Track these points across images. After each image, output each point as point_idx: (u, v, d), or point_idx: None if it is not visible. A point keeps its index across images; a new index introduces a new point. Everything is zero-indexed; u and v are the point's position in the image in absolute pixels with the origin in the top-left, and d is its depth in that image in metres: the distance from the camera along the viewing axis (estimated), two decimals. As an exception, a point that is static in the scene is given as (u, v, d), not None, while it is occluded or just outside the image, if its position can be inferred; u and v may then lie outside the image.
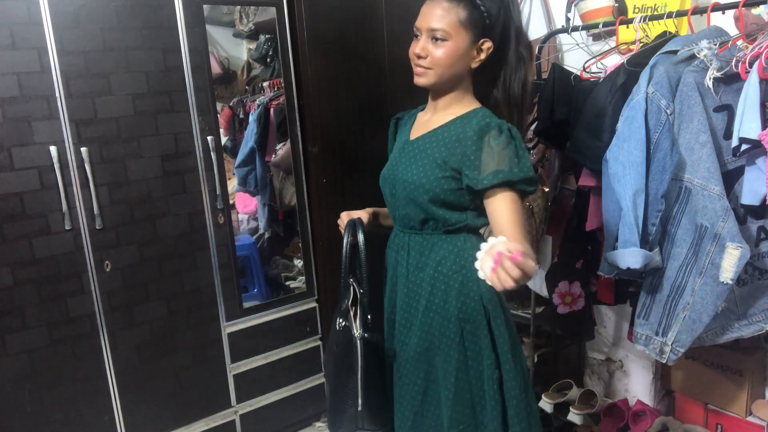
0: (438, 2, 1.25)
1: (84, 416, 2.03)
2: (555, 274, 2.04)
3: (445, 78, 1.30)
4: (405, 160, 1.37)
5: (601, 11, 2.16)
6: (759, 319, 1.62)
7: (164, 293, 2.15)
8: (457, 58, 1.27)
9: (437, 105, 1.38)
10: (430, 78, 1.30)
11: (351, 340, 1.35)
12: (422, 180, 1.30)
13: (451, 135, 1.30)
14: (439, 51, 1.26)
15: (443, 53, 1.26)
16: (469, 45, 1.27)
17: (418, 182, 1.30)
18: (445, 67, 1.28)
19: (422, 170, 1.31)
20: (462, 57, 1.27)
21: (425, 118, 1.42)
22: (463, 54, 1.27)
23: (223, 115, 2.41)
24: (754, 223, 1.55)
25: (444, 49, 1.26)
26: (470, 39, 1.26)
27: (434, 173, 1.29)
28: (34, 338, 1.92)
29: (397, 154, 1.43)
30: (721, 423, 2.04)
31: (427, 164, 1.31)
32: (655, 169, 1.57)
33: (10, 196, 1.83)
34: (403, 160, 1.38)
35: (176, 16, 2.05)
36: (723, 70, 1.49)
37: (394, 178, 1.39)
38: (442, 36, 1.25)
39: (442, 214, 1.32)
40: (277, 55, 2.36)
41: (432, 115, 1.39)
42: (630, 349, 2.26)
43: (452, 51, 1.26)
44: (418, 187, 1.31)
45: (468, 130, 1.27)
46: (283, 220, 2.63)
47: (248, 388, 2.39)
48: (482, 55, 1.29)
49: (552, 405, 2.31)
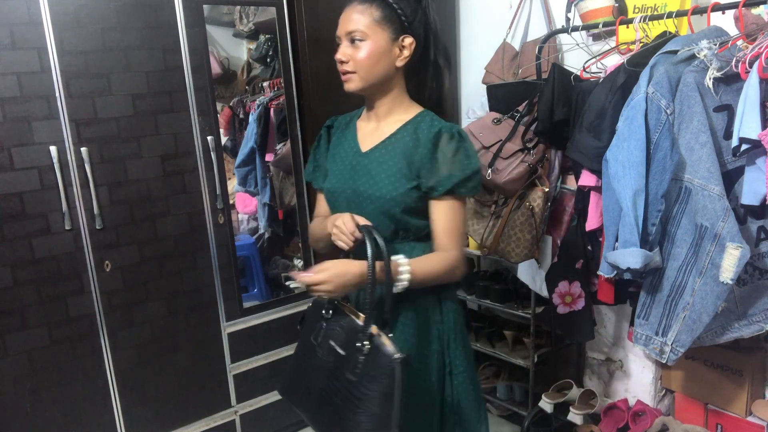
0: (352, 7, 1.27)
1: (84, 416, 2.03)
2: (555, 274, 2.04)
3: (372, 80, 1.29)
4: (364, 174, 1.33)
5: (601, 11, 2.16)
6: (759, 319, 1.62)
7: (164, 293, 2.15)
8: (378, 57, 1.26)
9: (378, 112, 1.36)
10: (356, 82, 1.29)
11: (382, 363, 1.16)
12: (393, 193, 1.28)
13: (406, 143, 1.30)
14: (359, 52, 1.26)
15: (363, 54, 1.26)
16: (388, 42, 1.26)
17: (389, 196, 1.28)
18: (368, 68, 1.27)
19: (390, 183, 1.29)
20: (383, 56, 1.27)
21: (369, 127, 1.38)
22: (384, 52, 1.27)
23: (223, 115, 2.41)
24: (754, 223, 1.55)
25: (363, 50, 1.26)
26: (389, 36, 1.26)
27: (403, 185, 1.28)
28: (34, 338, 1.92)
29: (348, 166, 1.36)
30: (721, 423, 2.04)
31: (393, 176, 1.29)
32: (655, 169, 1.57)
33: (10, 196, 1.83)
34: (361, 173, 1.33)
35: (176, 16, 2.05)
36: (723, 70, 1.49)
37: (355, 192, 1.33)
38: (360, 36, 1.25)
39: (415, 223, 1.31)
40: (277, 55, 2.36)
41: (377, 123, 1.36)
42: (630, 349, 2.26)
43: (372, 50, 1.25)
44: (390, 200, 1.28)
45: (421, 136, 1.29)
46: (283, 220, 2.63)
47: (248, 388, 2.39)
48: (405, 52, 1.29)
49: (552, 405, 2.31)
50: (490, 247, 2.20)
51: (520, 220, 2.08)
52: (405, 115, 1.33)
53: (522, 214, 2.07)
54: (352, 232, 1.21)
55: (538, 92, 2.00)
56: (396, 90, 1.33)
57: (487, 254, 2.31)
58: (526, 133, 2.07)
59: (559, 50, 2.40)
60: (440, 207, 1.27)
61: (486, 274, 2.71)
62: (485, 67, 2.64)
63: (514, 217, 2.10)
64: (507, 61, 2.55)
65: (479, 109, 2.58)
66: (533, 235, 2.07)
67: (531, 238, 2.07)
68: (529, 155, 2.07)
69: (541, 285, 2.15)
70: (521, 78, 2.47)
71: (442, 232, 1.27)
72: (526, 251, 2.10)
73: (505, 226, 2.13)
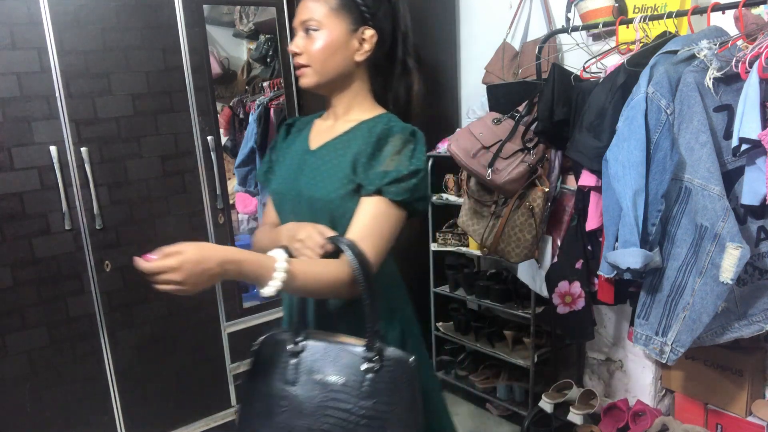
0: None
1: (84, 416, 2.03)
2: (555, 274, 2.04)
3: (328, 75, 1.16)
4: (308, 173, 1.20)
5: (601, 11, 2.16)
6: (759, 319, 1.61)
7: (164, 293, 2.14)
8: (334, 50, 1.14)
9: (336, 110, 1.23)
10: (311, 77, 1.17)
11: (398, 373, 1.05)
12: (332, 195, 1.13)
13: (358, 144, 1.15)
14: (313, 44, 1.14)
15: (318, 45, 1.14)
16: (345, 34, 1.14)
17: (328, 197, 1.13)
18: (322, 61, 1.15)
19: (331, 183, 1.13)
20: (340, 48, 1.15)
21: (325, 125, 1.25)
22: (341, 44, 1.15)
23: (223, 115, 2.41)
24: (754, 223, 1.55)
25: (318, 41, 1.14)
26: (346, 27, 1.14)
27: (344, 186, 1.12)
28: (34, 338, 1.92)
29: (294, 166, 1.23)
30: (721, 423, 2.04)
31: (335, 176, 1.14)
32: (655, 169, 1.57)
33: (10, 196, 1.83)
34: (306, 172, 1.20)
35: (176, 16, 2.05)
36: (723, 70, 1.49)
37: (297, 194, 1.19)
38: (315, 26, 1.14)
39: None
40: (277, 55, 2.36)
41: (334, 122, 1.24)
42: (630, 349, 2.26)
43: (327, 41, 1.14)
44: (328, 202, 1.13)
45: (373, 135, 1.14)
46: (283, 220, 2.62)
47: (248, 388, 2.39)
48: (366, 45, 1.16)
49: (552, 405, 2.31)
50: (490, 247, 2.20)
51: (520, 220, 2.08)
52: (363, 115, 1.20)
53: (522, 214, 2.07)
54: (321, 245, 1.08)
55: (538, 92, 2.00)
56: (356, 88, 1.21)
57: (487, 254, 2.31)
58: (526, 133, 2.07)
59: (559, 50, 2.40)
60: (364, 206, 1.09)
61: (486, 274, 2.71)
62: (485, 67, 2.64)
63: (514, 217, 2.10)
64: (507, 61, 2.55)
65: (479, 109, 2.58)
66: (533, 235, 2.07)
67: (531, 238, 2.07)
68: (529, 155, 2.07)
69: (541, 285, 2.15)
70: (521, 78, 2.47)
71: (354, 234, 1.07)
72: (526, 251, 2.10)
73: (505, 226, 2.13)
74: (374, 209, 1.08)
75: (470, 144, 2.18)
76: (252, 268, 0.98)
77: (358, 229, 1.07)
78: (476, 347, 2.66)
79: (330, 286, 1.05)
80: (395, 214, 1.09)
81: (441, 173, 2.65)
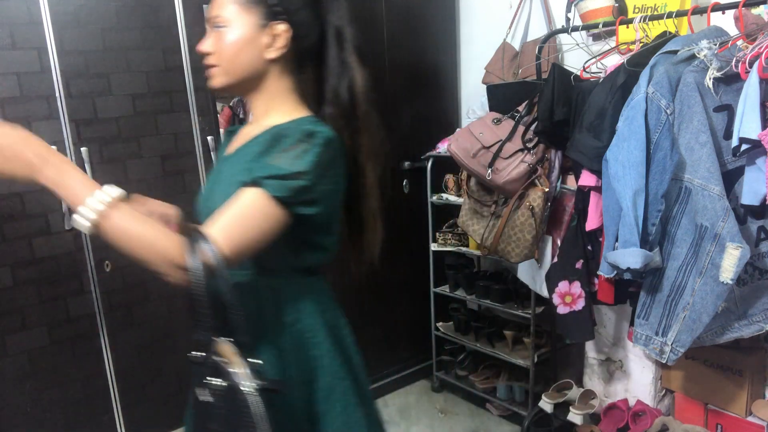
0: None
1: (84, 416, 2.03)
2: (555, 274, 2.04)
3: (237, 74, 1.08)
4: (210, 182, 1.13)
5: (601, 11, 2.16)
6: (759, 319, 1.61)
7: (164, 293, 2.15)
8: (241, 47, 1.06)
9: (256, 114, 1.14)
10: (219, 77, 1.09)
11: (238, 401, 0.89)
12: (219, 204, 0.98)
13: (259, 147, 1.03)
14: (219, 41, 1.07)
15: (224, 43, 1.06)
16: (254, 30, 1.06)
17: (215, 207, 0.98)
18: (229, 60, 1.07)
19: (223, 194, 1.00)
20: (248, 45, 1.06)
21: (247, 130, 1.16)
22: (249, 41, 1.06)
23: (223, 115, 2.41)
24: (754, 223, 1.55)
25: (224, 38, 1.06)
26: (255, 23, 1.06)
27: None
28: (34, 338, 1.92)
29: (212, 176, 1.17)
30: (721, 423, 2.04)
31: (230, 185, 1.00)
32: (655, 169, 1.57)
33: (11, 196, 1.83)
34: (212, 181, 1.13)
35: (176, 16, 2.05)
36: (723, 70, 1.49)
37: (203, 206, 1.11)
38: (222, 22, 1.06)
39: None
40: (277, 55, 2.36)
41: (254, 126, 1.13)
42: (630, 349, 2.26)
43: (233, 39, 1.06)
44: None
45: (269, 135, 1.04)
46: (283, 220, 2.62)
47: (248, 388, 2.39)
48: (279, 41, 1.07)
49: (552, 405, 2.31)
50: (490, 247, 2.20)
51: (520, 220, 2.08)
52: (281, 119, 1.08)
53: (522, 214, 2.07)
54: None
55: (538, 92, 2.00)
56: (273, 88, 1.11)
57: (487, 254, 2.31)
58: (526, 133, 2.07)
59: (559, 50, 2.40)
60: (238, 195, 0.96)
61: (486, 274, 2.71)
62: (485, 67, 2.64)
63: (514, 217, 2.10)
64: (507, 61, 2.55)
65: (479, 109, 2.58)
66: (533, 235, 2.07)
67: (531, 238, 2.07)
68: (529, 155, 2.07)
69: (541, 285, 2.15)
70: (521, 78, 2.47)
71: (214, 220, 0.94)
72: (526, 251, 2.10)
73: (505, 226, 2.13)
74: (247, 199, 0.95)
75: (470, 144, 2.18)
76: (72, 183, 0.88)
77: (221, 216, 0.94)
78: (476, 347, 2.66)
79: (150, 253, 0.89)
80: (271, 211, 0.95)
81: (441, 173, 2.65)
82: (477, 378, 2.72)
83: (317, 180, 0.98)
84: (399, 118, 2.65)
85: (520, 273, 2.33)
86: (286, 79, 1.12)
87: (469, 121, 2.47)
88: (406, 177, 2.73)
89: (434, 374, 2.90)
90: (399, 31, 2.60)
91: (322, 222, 1.07)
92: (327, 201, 1.04)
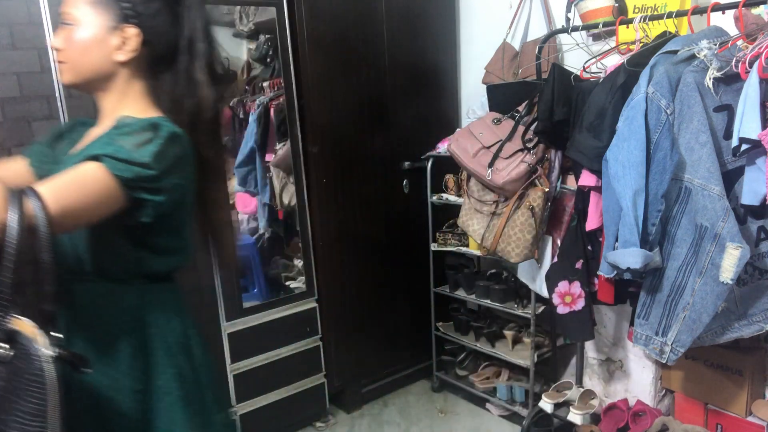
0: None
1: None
2: (555, 274, 2.04)
3: (85, 74, 1.07)
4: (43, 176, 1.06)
5: (601, 11, 2.16)
6: (759, 319, 1.62)
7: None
8: (89, 47, 1.05)
9: (103, 114, 1.12)
10: (67, 74, 1.08)
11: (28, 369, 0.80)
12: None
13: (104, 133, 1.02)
14: (69, 39, 1.06)
15: (71, 41, 1.06)
16: (103, 31, 1.05)
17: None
18: (75, 59, 1.06)
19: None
20: (96, 45, 1.05)
21: (93, 132, 1.13)
22: (97, 42, 1.05)
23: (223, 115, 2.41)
24: (754, 223, 1.55)
25: (71, 36, 1.05)
26: (105, 24, 1.05)
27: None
28: (34, 338, 1.92)
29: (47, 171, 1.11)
30: (721, 423, 2.04)
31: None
32: (655, 169, 1.57)
33: None
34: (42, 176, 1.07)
35: (176, 16, 2.05)
36: (723, 70, 1.49)
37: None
38: (69, 20, 1.06)
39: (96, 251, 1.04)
40: (277, 55, 2.36)
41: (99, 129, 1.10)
42: (630, 349, 2.26)
43: (81, 38, 1.05)
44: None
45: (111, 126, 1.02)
46: (283, 220, 2.63)
47: (248, 388, 2.39)
48: (128, 45, 1.06)
49: (552, 405, 2.31)
50: (490, 247, 2.20)
51: (520, 220, 2.08)
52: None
53: (522, 214, 2.07)
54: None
55: (538, 92, 2.00)
56: (122, 89, 1.09)
57: (487, 254, 2.31)
58: (526, 133, 2.07)
59: (559, 50, 2.40)
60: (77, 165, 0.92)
61: (486, 274, 2.71)
62: (485, 67, 2.64)
63: (514, 217, 2.10)
64: (507, 61, 2.55)
65: (479, 109, 2.59)
66: (533, 235, 2.07)
67: (531, 238, 2.08)
68: (529, 155, 2.07)
69: (541, 285, 2.15)
70: (521, 78, 2.47)
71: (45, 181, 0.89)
72: (526, 251, 2.10)
73: (505, 226, 2.13)
74: (83, 168, 0.90)
75: (470, 144, 2.19)
76: None
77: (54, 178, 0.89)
78: (476, 347, 2.66)
79: None
80: (107, 185, 0.90)
81: (441, 173, 2.65)
82: (477, 378, 2.72)
83: (162, 171, 0.95)
84: (399, 118, 2.65)
85: (520, 273, 2.33)
86: (137, 83, 1.10)
87: (469, 121, 2.47)
88: (406, 177, 2.73)
89: (434, 374, 2.90)
90: (399, 31, 2.60)
91: (170, 222, 1.05)
92: (173, 195, 1.00)
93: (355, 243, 2.62)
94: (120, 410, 1.05)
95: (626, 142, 1.58)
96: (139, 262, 1.06)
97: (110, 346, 1.05)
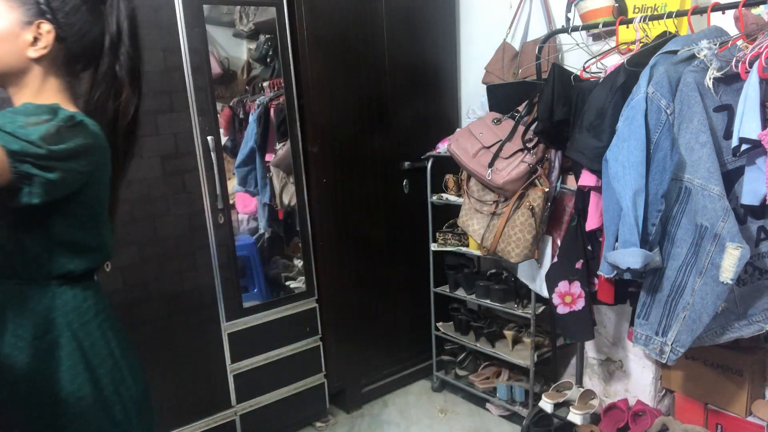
0: None
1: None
2: (555, 274, 2.04)
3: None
4: None
5: (601, 11, 2.16)
6: (759, 319, 1.62)
7: (164, 293, 2.15)
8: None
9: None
10: None
11: None
12: None
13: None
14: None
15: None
16: (15, 26, 1.03)
17: None
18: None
19: None
20: (7, 40, 1.03)
21: None
22: (8, 37, 1.03)
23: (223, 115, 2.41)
24: (754, 223, 1.55)
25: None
26: (17, 19, 1.02)
27: None
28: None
29: None
30: (721, 423, 2.04)
31: None
32: (655, 169, 1.57)
33: None
34: None
35: (176, 16, 2.05)
36: (723, 70, 1.49)
37: None
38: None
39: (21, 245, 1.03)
40: (277, 55, 2.36)
41: None
42: (630, 349, 2.26)
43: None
44: None
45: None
46: (283, 220, 2.63)
47: (248, 388, 2.39)
48: (43, 41, 1.04)
49: (552, 405, 2.31)
50: (490, 247, 2.20)
51: (520, 220, 2.08)
52: None
53: (522, 214, 2.07)
54: None
55: (538, 92, 2.00)
56: (36, 86, 1.07)
57: (487, 254, 2.31)
58: (526, 133, 2.07)
59: (559, 50, 2.40)
60: None
61: (486, 274, 2.71)
62: (485, 67, 2.64)
63: (514, 217, 2.10)
64: (507, 61, 2.55)
65: (479, 109, 2.59)
66: (533, 235, 2.07)
67: (531, 238, 2.08)
68: (529, 155, 2.07)
69: (541, 285, 2.15)
70: (521, 78, 2.47)
71: None
72: (526, 251, 2.10)
73: (505, 226, 2.13)
74: None
75: (470, 144, 2.19)
76: None
77: None
78: (476, 347, 2.66)
79: None
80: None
81: (441, 173, 2.65)
82: (477, 378, 2.72)
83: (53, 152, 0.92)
84: (399, 118, 2.65)
85: (520, 273, 2.33)
86: (52, 79, 1.08)
87: (469, 121, 2.47)
88: (406, 177, 2.73)
89: (434, 374, 2.90)
90: (399, 31, 2.60)
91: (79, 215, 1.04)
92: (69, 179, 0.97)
93: (355, 243, 2.62)
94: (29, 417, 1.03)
95: (626, 142, 1.58)
96: (51, 261, 1.04)
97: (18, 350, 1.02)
